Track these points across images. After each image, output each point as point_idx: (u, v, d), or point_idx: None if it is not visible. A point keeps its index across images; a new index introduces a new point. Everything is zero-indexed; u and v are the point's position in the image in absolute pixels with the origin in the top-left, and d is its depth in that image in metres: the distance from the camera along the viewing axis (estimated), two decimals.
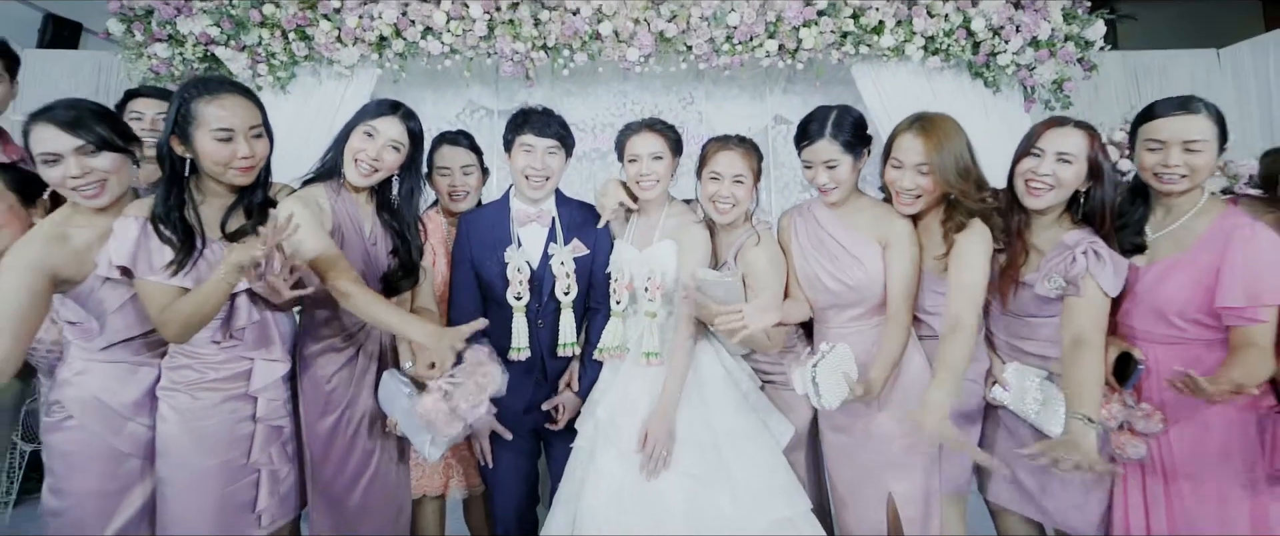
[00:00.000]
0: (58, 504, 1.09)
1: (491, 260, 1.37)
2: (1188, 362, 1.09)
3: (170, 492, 1.11)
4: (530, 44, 2.75)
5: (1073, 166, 1.15)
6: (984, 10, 2.73)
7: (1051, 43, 2.76)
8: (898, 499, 1.23)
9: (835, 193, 1.27)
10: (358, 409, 1.22)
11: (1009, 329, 1.27)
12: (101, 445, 1.10)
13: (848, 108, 1.27)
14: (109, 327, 1.08)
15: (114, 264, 1.02)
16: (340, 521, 1.20)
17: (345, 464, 1.19)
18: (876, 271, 1.24)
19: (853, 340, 1.23)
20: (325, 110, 2.86)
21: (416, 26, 2.73)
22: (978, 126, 2.86)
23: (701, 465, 1.18)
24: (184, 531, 1.10)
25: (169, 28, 2.70)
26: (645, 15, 2.74)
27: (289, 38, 2.72)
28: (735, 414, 1.23)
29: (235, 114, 1.09)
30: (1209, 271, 1.07)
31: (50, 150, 1.00)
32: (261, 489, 1.17)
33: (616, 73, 3.04)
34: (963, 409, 1.27)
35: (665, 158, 1.30)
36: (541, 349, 1.37)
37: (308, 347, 1.21)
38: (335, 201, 1.21)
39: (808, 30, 2.75)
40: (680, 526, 1.15)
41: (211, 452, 1.12)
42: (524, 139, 1.36)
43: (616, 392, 1.28)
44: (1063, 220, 1.20)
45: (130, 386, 1.12)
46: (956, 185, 1.18)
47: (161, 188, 1.07)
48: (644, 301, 1.28)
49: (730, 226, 1.31)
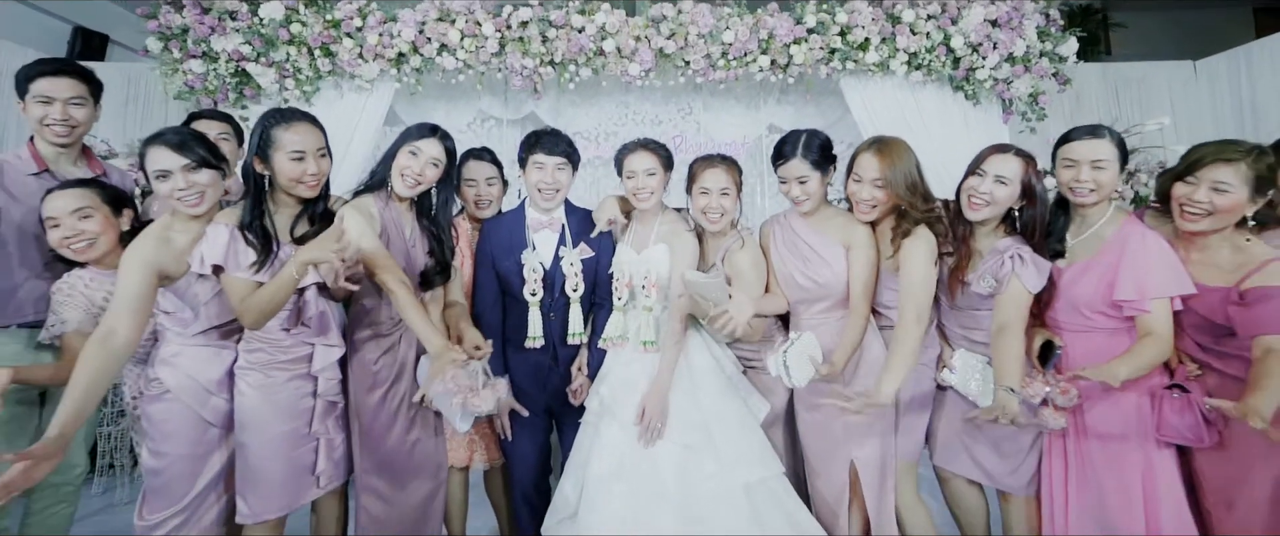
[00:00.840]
0: (156, 464, 1.35)
1: (510, 261, 1.63)
2: (1094, 348, 1.35)
3: (248, 455, 1.36)
4: (538, 60, 3.02)
5: (1008, 188, 1.40)
6: (963, 29, 2.98)
7: (1027, 59, 3.01)
8: (858, 464, 1.48)
9: (806, 204, 1.53)
10: (400, 387, 1.47)
11: (958, 320, 1.52)
12: (191, 415, 1.36)
13: (816, 132, 1.52)
14: (201, 317, 1.34)
15: (208, 262, 1.28)
16: (389, 480, 1.45)
17: (390, 432, 1.45)
18: (841, 271, 1.49)
19: (821, 330, 1.49)
20: (347, 120, 3.13)
21: (433, 44, 2.99)
22: (958, 136, 3.13)
23: (690, 435, 1.43)
24: (259, 488, 1.36)
25: (203, 45, 2.96)
26: (646, 33, 3.00)
27: (314, 54, 2.99)
28: (719, 393, 1.49)
29: (306, 138, 1.35)
30: (1111, 271, 1.32)
31: (163, 168, 1.26)
32: (320, 454, 1.43)
33: (619, 85, 3.30)
34: (917, 391, 1.52)
35: (658, 173, 1.55)
36: (553, 338, 1.63)
37: (357, 334, 1.47)
38: (383, 209, 1.47)
39: (798, 47, 3.00)
40: (672, 487, 1.40)
41: (281, 422, 1.38)
42: (536, 157, 1.62)
43: (618, 375, 1.53)
44: (999, 230, 1.45)
45: (214, 366, 1.38)
46: (906, 197, 1.44)
47: (248, 200, 1.33)
48: (641, 297, 1.54)
49: (718, 233, 1.57)
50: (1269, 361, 1.14)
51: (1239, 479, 1.26)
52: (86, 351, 1.15)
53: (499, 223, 1.70)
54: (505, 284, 1.65)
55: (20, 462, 1.01)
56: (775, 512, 1.41)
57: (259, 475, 1.36)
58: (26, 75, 1.53)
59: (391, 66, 3.05)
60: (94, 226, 1.36)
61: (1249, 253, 1.25)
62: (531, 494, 1.66)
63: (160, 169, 1.27)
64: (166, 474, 1.35)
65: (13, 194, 1.48)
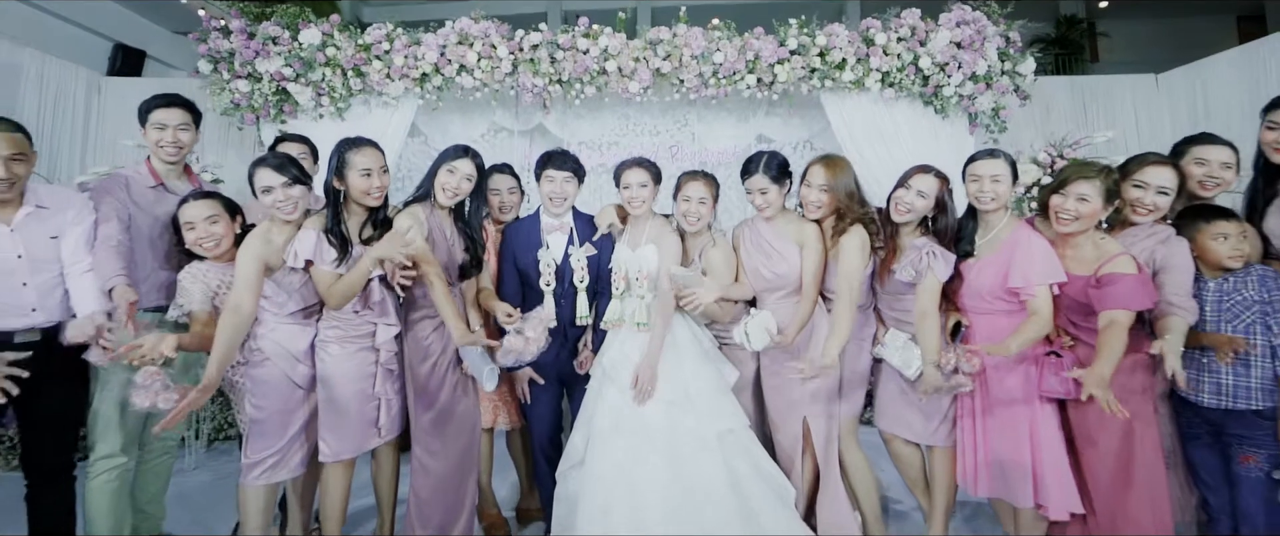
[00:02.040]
0: (257, 415, 1.80)
1: (528, 258, 2.08)
2: (994, 326, 1.78)
3: (328, 410, 1.81)
4: (547, 79, 3.47)
5: (925, 200, 1.84)
6: (930, 50, 3.40)
7: (989, 77, 3.43)
8: (810, 421, 1.92)
9: (768, 210, 1.97)
10: (445, 357, 1.92)
11: (888, 303, 1.96)
12: (283, 377, 1.80)
13: (775, 153, 1.97)
14: (292, 300, 1.79)
15: (301, 258, 1.73)
16: (437, 432, 1.89)
17: (439, 393, 1.90)
18: (796, 264, 1.93)
19: (778, 310, 1.92)
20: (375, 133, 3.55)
21: (453, 65, 3.44)
22: (928, 147, 3.56)
23: (674, 395, 1.86)
24: (336, 434, 1.80)
25: (249, 67, 3.43)
26: (644, 55, 3.44)
27: (347, 75, 3.46)
28: (698, 363, 1.92)
29: (372, 160, 1.80)
30: (1006, 265, 1.75)
31: (267, 184, 1.71)
32: (381, 411, 1.88)
33: (620, 100, 3.74)
34: (857, 367, 1.96)
35: (649, 185, 1.99)
36: (564, 320, 2.07)
37: (412, 315, 1.92)
38: (429, 216, 1.91)
39: (782, 66, 3.44)
40: (660, 436, 1.83)
41: (352, 384, 1.82)
42: (548, 173, 2.07)
43: (616, 350, 1.97)
44: (917, 231, 1.88)
45: (300, 339, 1.82)
46: (845, 201, 1.88)
47: (329, 209, 1.78)
48: (635, 287, 1.98)
49: (697, 234, 2.01)
50: (1110, 331, 1.56)
51: (1099, 424, 1.68)
52: (223, 320, 1.60)
53: (519, 226, 2.15)
54: (524, 276, 2.09)
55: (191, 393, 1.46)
56: (742, 456, 1.84)
57: (336, 424, 1.81)
58: (147, 107, 1.99)
59: (415, 85, 3.50)
60: (220, 230, 1.81)
61: (1104, 248, 1.68)
62: (548, 447, 2.11)
63: (265, 185, 1.72)
64: (265, 423, 1.80)
65: (139, 204, 1.93)
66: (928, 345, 1.76)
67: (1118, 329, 1.57)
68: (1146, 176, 1.71)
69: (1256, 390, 1.60)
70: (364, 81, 3.48)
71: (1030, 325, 1.70)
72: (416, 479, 1.92)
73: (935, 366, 1.73)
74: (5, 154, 1.64)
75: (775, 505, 1.82)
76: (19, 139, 1.68)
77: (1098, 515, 1.71)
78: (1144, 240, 1.73)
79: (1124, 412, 1.44)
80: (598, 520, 1.78)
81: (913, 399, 1.92)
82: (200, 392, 1.50)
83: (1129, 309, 1.58)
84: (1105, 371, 1.51)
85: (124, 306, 1.64)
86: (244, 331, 1.65)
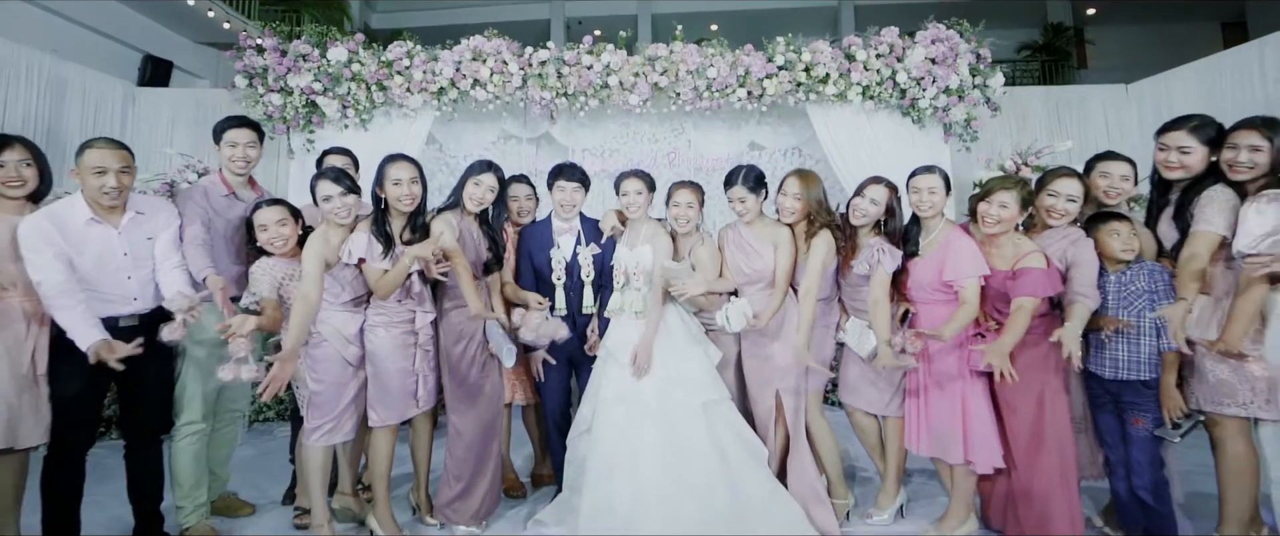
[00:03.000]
0: (317, 388, 2.22)
1: (542, 256, 2.51)
2: (934, 313, 2.19)
3: (375, 384, 2.24)
4: (554, 92, 3.90)
5: (877, 206, 2.26)
6: (907, 66, 3.83)
7: (960, 91, 3.85)
8: (782, 395, 2.34)
9: (747, 216, 2.39)
10: (474, 341, 2.34)
11: (850, 296, 2.38)
12: (337, 356, 2.23)
13: (753, 167, 2.39)
14: (345, 290, 2.21)
15: (355, 256, 2.15)
16: (468, 403, 2.32)
17: (469, 371, 2.32)
18: (770, 262, 2.35)
19: (756, 300, 2.34)
20: (395, 141, 4.02)
21: (467, 79, 3.88)
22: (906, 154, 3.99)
23: (667, 372, 2.28)
24: (383, 403, 2.22)
25: (281, 82, 3.86)
26: (643, 70, 3.87)
27: (371, 89, 3.90)
28: (687, 344, 2.34)
29: (404, 172, 2.22)
30: (941, 262, 2.17)
31: (328, 194, 2.14)
32: (419, 385, 2.30)
33: (621, 110, 4.17)
34: (822, 351, 2.37)
35: (644, 194, 2.42)
36: (573, 309, 2.50)
37: (444, 305, 2.34)
38: (459, 221, 2.34)
39: (770, 81, 3.86)
40: (654, 405, 2.25)
41: (395, 362, 2.24)
42: (560, 183, 2.49)
43: (618, 334, 2.38)
44: (872, 232, 2.30)
45: (352, 323, 2.25)
46: (815, 209, 2.30)
47: (374, 215, 2.20)
48: (633, 281, 2.40)
49: (686, 235, 2.43)
50: (1017, 314, 1.98)
51: (1018, 392, 2.09)
52: (296, 307, 2.03)
53: (534, 228, 2.58)
54: (539, 272, 2.52)
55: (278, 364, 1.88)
56: (723, 423, 2.26)
57: (382, 396, 2.24)
58: (221, 127, 2.42)
59: (433, 98, 3.94)
60: (287, 231, 2.23)
61: (1020, 247, 2.09)
62: (559, 418, 2.54)
63: (325, 194, 2.15)
64: (323, 395, 2.22)
65: (215, 209, 2.36)
66: (880, 328, 2.18)
67: (1023, 313, 1.99)
68: (1057, 187, 2.12)
69: (1144, 364, 2.01)
70: (386, 94, 3.92)
71: (961, 312, 2.11)
72: (451, 442, 2.34)
73: (887, 345, 2.15)
74: (116, 168, 2.06)
75: (752, 464, 2.24)
76: (125, 155, 2.11)
77: (1017, 469, 2.13)
78: (1059, 241, 2.14)
79: (1015, 377, 1.86)
80: (603, 475, 2.20)
81: (871, 377, 2.33)
82: (283, 363, 1.93)
83: (1036, 296, 1.99)
84: (1006, 346, 1.93)
85: (219, 292, 2.07)
86: (313, 315, 2.08)
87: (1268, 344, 1.90)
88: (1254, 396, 1.91)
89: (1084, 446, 2.22)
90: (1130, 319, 2.02)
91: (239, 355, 1.91)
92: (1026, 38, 8.52)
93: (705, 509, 2.11)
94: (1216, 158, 2.03)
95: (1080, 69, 8.46)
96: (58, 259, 1.95)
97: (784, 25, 9.77)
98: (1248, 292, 1.86)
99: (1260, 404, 1.91)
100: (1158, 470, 2.03)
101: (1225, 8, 7.87)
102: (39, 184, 2.09)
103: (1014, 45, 8.45)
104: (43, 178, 2.10)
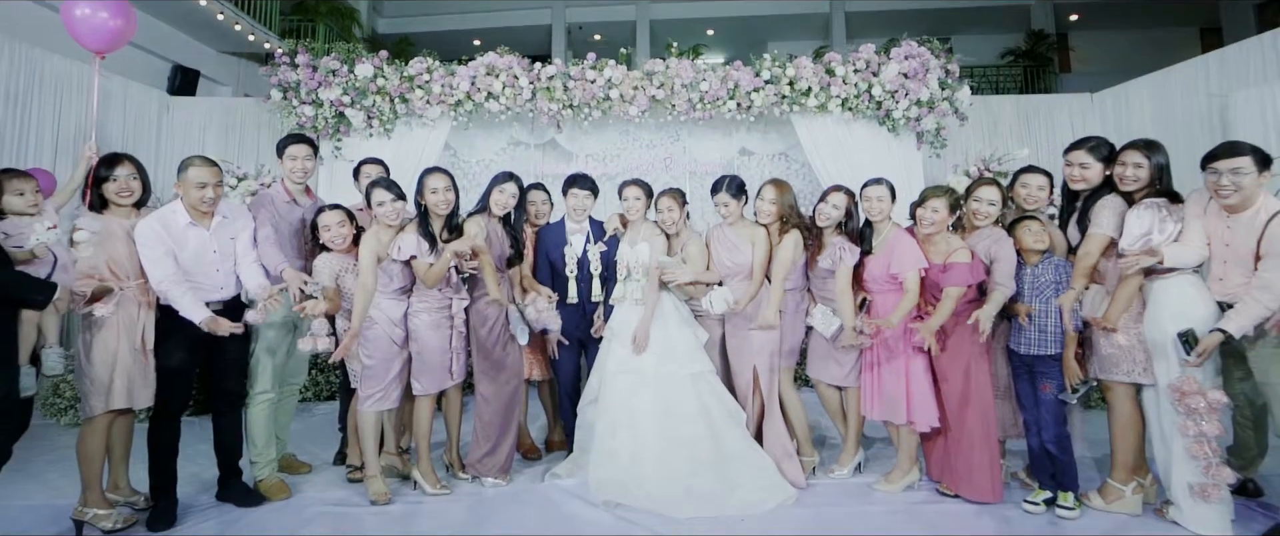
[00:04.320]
0: (369, 363, 2.79)
1: (557, 253, 3.08)
2: (886, 301, 2.76)
3: (418, 360, 2.81)
4: (561, 104, 4.45)
5: (837, 211, 2.84)
6: (882, 80, 4.39)
7: (931, 102, 4.42)
8: (758, 369, 2.91)
9: (730, 218, 2.96)
10: (499, 324, 2.91)
11: (817, 287, 2.95)
12: (386, 337, 2.79)
13: (735, 176, 2.97)
14: (393, 281, 2.77)
15: (405, 253, 2.72)
16: (493, 376, 2.89)
17: (495, 349, 2.90)
18: (748, 257, 2.92)
19: (736, 289, 2.91)
20: (415, 149, 4.59)
21: (481, 92, 4.44)
22: (882, 160, 4.55)
23: (661, 349, 2.85)
24: (425, 376, 2.79)
25: (313, 95, 4.42)
26: (642, 84, 4.44)
27: (394, 101, 4.46)
28: (678, 326, 2.91)
29: (438, 182, 2.80)
30: (888, 258, 2.73)
31: (382, 200, 2.70)
32: (453, 361, 2.87)
33: (621, 120, 4.73)
34: (793, 335, 2.94)
35: (642, 199, 3.00)
36: (583, 298, 3.08)
37: (474, 294, 2.92)
38: (487, 223, 2.90)
39: (757, 94, 4.43)
40: (651, 376, 2.82)
41: (435, 341, 2.82)
42: (573, 191, 3.07)
43: (620, 317, 2.95)
44: (835, 232, 2.86)
45: (397, 309, 2.81)
46: (787, 212, 2.88)
47: (418, 218, 2.76)
48: (634, 274, 2.96)
49: (677, 234, 2.99)
50: (944, 300, 2.55)
51: (948, 364, 2.66)
52: (358, 294, 2.62)
53: (550, 229, 3.15)
54: (554, 267, 3.09)
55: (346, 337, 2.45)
56: (709, 392, 2.84)
57: (423, 370, 2.81)
58: (283, 144, 2.99)
59: (450, 109, 4.50)
60: (347, 231, 2.79)
61: (951, 244, 2.66)
62: (571, 390, 3.12)
63: (380, 200, 2.71)
64: (374, 369, 2.78)
65: (280, 214, 2.92)
66: (846, 314, 2.74)
67: (949, 299, 2.56)
68: (980, 194, 2.68)
69: (1050, 341, 2.57)
70: (407, 106, 4.49)
71: (905, 300, 2.67)
72: (479, 408, 2.91)
73: (855, 328, 2.70)
74: (212, 182, 2.62)
75: (731, 424, 2.80)
76: (217, 171, 2.67)
77: (949, 428, 2.69)
78: (985, 240, 2.70)
79: (938, 349, 2.42)
80: (608, 435, 2.77)
81: (833, 355, 2.90)
82: (351, 337, 2.49)
83: (960, 285, 2.56)
84: (933, 325, 2.52)
85: (295, 283, 2.63)
86: (370, 299, 2.65)
87: (1145, 323, 2.46)
88: (1134, 366, 2.48)
89: (1007, 410, 2.79)
90: (1039, 305, 2.58)
91: (317, 332, 2.47)
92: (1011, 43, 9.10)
93: (692, 459, 2.68)
94: (1110, 172, 2.59)
95: (1063, 73, 9.02)
96: (167, 255, 2.51)
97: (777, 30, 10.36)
98: (1125, 282, 2.43)
99: (1140, 372, 2.48)
100: (1061, 427, 2.59)
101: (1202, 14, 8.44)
102: (142, 193, 2.64)
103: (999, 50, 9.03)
104: (145, 188, 2.66)
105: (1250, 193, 2.27)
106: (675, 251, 3.00)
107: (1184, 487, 2.35)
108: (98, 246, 2.46)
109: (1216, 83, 4.39)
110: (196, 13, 5.80)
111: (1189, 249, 2.36)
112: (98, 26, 2.79)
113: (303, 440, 3.50)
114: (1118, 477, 2.57)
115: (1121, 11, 8.54)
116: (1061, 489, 2.57)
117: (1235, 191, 2.26)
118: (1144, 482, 2.60)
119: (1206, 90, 4.37)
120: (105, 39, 2.85)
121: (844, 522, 2.53)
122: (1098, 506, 2.58)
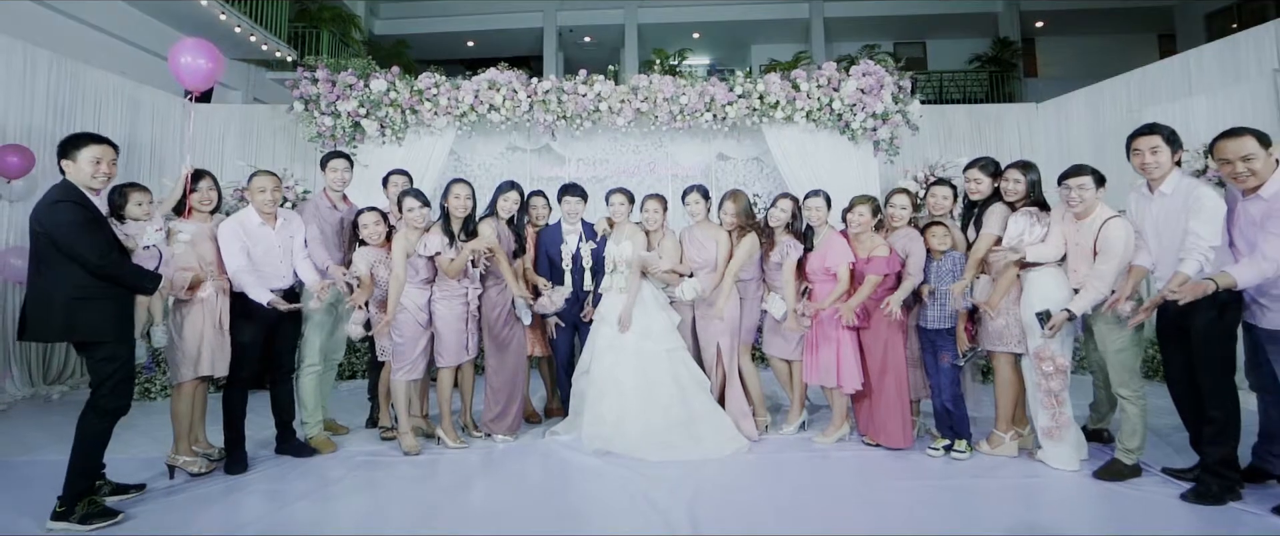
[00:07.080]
0: (399, 340, 3.65)
1: (555, 250, 3.95)
2: (823, 290, 3.64)
3: (439, 339, 3.69)
4: (555, 115, 5.28)
5: (785, 214, 3.72)
6: (842, 95, 5.25)
7: (885, 115, 5.28)
8: (721, 347, 3.81)
9: (698, 217, 3.84)
10: (506, 309, 3.78)
11: (769, 277, 3.83)
12: (412, 320, 3.66)
13: (702, 185, 3.83)
14: (419, 274, 3.61)
15: (432, 250, 3.57)
16: (500, 353, 3.75)
17: (502, 330, 3.77)
18: (713, 253, 3.80)
19: (703, 280, 3.77)
20: (423, 155, 5.41)
21: (484, 105, 5.26)
22: (843, 166, 5.42)
23: (641, 329, 3.73)
24: (446, 351, 3.65)
25: (332, 107, 5.23)
26: (627, 97, 5.27)
27: (405, 113, 5.27)
28: (655, 310, 3.78)
29: (463, 190, 3.66)
30: (824, 254, 3.60)
31: (412, 206, 3.55)
32: (468, 340, 3.73)
33: (610, 128, 5.56)
34: (750, 318, 3.81)
35: (626, 204, 3.87)
36: (577, 287, 3.95)
37: (486, 283, 3.78)
38: (496, 225, 3.74)
39: (731, 107, 5.28)
40: (631, 351, 3.69)
41: (453, 324, 3.69)
42: (567, 198, 3.96)
43: (607, 303, 3.83)
44: (784, 232, 3.72)
45: (422, 297, 3.68)
46: (743, 218, 3.75)
47: (442, 220, 3.59)
48: (619, 267, 3.82)
49: (655, 232, 3.85)
50: (864, 285, 3.41)
51: (871, 340, 3.54)
52: (392, 284, 3.48)
53: (548, 230, 4.02)
54: (552, 262, 3.96)
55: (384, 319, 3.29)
56: (681, 364, 3.72)
57: (443, 347, 3.67)
58: (326, 158, 3.83)
59: (456, 120, 5.33)
60: (382, 229, 3.64)
61: (874, 241, 3.55)
62: (566, 364, 4.04)
63: (410, 206, 3.55)
64: (404, 347, 3.64)
65: (323, 217, 3.75)
66: (789, 300, 3.60)
67: (868, 284, 3.46)
68: (894, 200, 3.57)
69: (946, 317, 3.44)
70: (417, 117, 5.30)
71: (836, 289, 3.53)
72: (490, 378, 3.77)
73: (794, 312, 3.56)
74: (271, 188, 3.43)
75: (699, 390, 3.68)
76: (277, 180, 3.48)
77: (872, 391, 3.56)
78: (902, 238, 3.58)
79: (854, 321, 3.30)
80: (597, 401, 3.64)
81: (783, 334, 3.76)
82: (387, 320, 3.33)
83: (877, 274, 3.42)
84: (853, 304, 3.41)
85: (340, 277, 3.46)
86: (401, 289, 3.50)
87: (1021, 305, 3.33)
88: (1011, 339, 3.35)
89: (918, 377, 3.66)
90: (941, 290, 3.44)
91: (359, 319, 3.31)
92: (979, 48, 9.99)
93: (666, 419, 3.55)
94: (998, 185, 3.46)
95: (1029, 77, 9.90)
96: (242, 250, 3.34)
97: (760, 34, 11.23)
98: (1003, 272, 3.30)
99: (1015, 343, 3.35)
100: (956, 388, 3.48)
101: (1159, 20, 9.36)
102: (217, 202, 3.46)
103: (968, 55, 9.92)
104: (219, 197, 3.47)
105: (1091, 204, 3.14)
106: (654, 247, 3.85)
107: (1041, 430, 3.23)
108: (189, 246, 3.28)
109: (1136, 98, 5.28)
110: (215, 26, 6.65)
111: (1049, 246, 3.24)
112: (196, 71, 3.60)
113: (336, 410, 4.33)
114: (1000, 428, 3.46)
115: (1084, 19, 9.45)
116: (957, 437, 3.45)
117: (1080, 202, 3.13)
118: (1022, 432, 3.48)
119: (1126, 105, 5.26)
120: (200, 81, 3.66)
121: (785, 465, 3.40)
122: (985, 451, 3.46)
